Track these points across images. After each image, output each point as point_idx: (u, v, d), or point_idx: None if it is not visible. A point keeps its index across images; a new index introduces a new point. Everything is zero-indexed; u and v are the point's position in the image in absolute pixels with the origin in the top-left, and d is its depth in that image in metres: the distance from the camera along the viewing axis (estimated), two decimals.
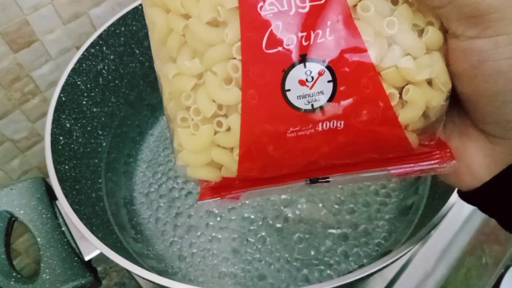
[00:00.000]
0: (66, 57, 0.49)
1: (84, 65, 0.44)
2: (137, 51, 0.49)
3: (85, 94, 0.45)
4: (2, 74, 0.45)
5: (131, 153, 0.50)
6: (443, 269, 0.44)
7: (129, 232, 0.43)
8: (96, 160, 0.45)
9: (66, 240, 0.35)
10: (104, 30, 0.45)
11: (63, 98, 0.41)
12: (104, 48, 0.46)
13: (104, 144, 0.47)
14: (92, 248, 0.34)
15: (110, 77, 0.48)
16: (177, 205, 0.46)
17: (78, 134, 0.43)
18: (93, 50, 0.45)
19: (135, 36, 0.48)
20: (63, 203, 0.34)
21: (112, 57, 0.47)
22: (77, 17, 0.48)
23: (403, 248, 0.30)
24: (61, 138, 0.40)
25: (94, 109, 0.46)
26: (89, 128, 0.45)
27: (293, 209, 0.44)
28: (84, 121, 0.44)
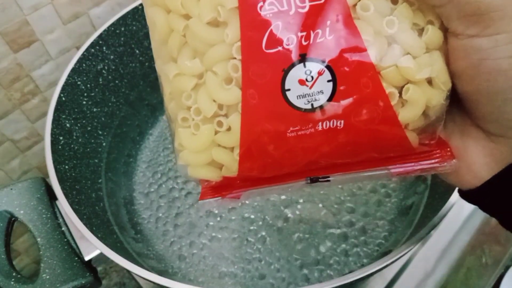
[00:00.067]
0: (66, 57, 0.49)
1: (84, 65, 0.44)
2: (137, 51, 0.49)
3: (85, 94, 0.45)
4: (2, 74, 0.45)
5: (131, 153, 0.50)
6: (443, 269, 0.44)
7: (129, 232, 0.43)
8: (96, 160, 0.45)
9: (66, 240, 0.35)
10: (104, 30, 0.45)
11: (63, 98, 0.41)
12: (104, 48, 0.46)
13: (104, 144, 0.47)
14: (92, 248, 0.34)
15: (110, 77, 0.48)
16: (177, 205, 0.46)
17: (78, 134, 0.43)
18: (93, 50, 0.45)
19: (135, 36, 0.48)
20: (63, 203, 0.34)
21: (112, 57, 0.47)
22: (77, 17, 0.48)
23: (403, 248, 0.30)
24: (61, 138, 0.40)
25: (94, 109, 0.46)
26: (89, 128, 0.45)
27: (293, 209, 0.44)
28: (84, 121, 0.44)
